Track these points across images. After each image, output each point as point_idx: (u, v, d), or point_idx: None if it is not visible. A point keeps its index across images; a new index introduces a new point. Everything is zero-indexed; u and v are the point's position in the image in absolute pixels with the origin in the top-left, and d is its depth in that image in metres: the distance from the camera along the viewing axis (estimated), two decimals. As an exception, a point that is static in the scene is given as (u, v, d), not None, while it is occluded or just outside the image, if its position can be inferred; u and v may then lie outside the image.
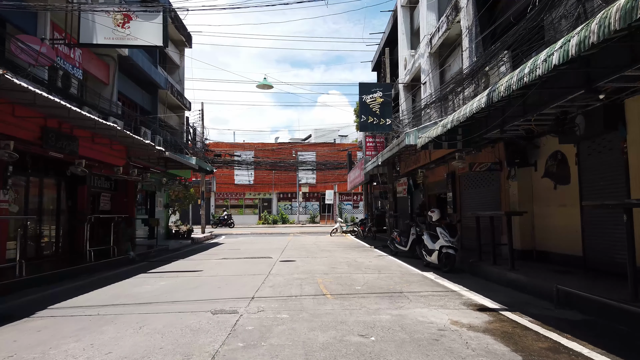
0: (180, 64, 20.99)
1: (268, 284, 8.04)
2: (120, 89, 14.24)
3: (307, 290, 7.35)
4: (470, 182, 12.27)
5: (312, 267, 10.45)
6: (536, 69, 4.69)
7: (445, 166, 13.75)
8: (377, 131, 15.14)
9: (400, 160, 16.61)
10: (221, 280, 8.62)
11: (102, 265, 11.04)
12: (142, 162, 14.64)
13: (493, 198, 10.72)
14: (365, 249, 15.65)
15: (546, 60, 4.50)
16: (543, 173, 8.81)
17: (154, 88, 16.83)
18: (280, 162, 38.24)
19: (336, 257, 12.74)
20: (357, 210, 44.62)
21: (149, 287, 7.98)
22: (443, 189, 14.59)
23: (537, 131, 8.17)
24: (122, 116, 13.37)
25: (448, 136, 9.55)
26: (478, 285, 7.76)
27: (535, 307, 6.00)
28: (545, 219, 8.82)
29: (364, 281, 8.30)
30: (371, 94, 14.43)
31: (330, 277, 8.89)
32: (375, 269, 10.19)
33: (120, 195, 16.29)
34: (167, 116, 18.33)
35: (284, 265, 10.86)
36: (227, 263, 11.70)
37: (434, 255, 9.94)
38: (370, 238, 21.06)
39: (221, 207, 44.34)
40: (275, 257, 12.81)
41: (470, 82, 9.86)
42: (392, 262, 11.51)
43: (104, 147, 11.76)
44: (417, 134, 9.60)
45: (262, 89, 12.43)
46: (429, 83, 14.12)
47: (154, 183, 17.95)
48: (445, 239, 9.65)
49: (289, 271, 9.80)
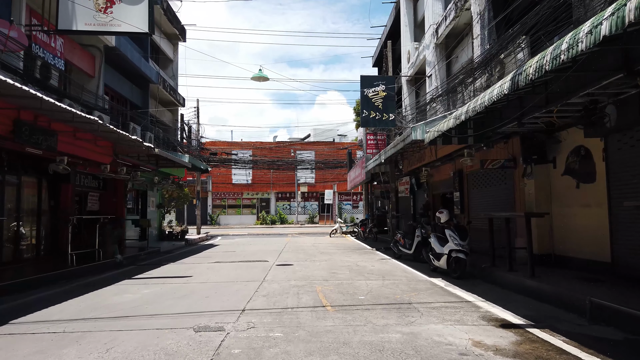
0: (174, 59, 20.19)
1: (262, 293, 7.28)
2: (108, 83, 13.44)
3: (305, 301, 6.59)
4: (479, 181, 11.52)
5: (310, 272, 9.69)
6: (577, 44, 3.93)
7: (451, 164, 13.00)
8: (380, 127, 14.37)
9: (403, 158, 15.85)
10: (211, 288, 7.85)
11: (85, 269, 10.27)
12: (132, 159, 13.85)
13: (506, 198, 9.97)
14: (366, 252, 14.89)
15: (592, 32, 3.74)
16: (563, 170, 8.06)
17: (145, 82, 16.03)
18: (278, 161, 37.45)
19: (336, 261, 11.98)
20: (357, 210, 43.88)
21: (130, 297, 7.21)
22: (449, 188, 13.83)
23: (558, 124, 7.41)
24: (108, 111, 12.58)
25: (458, 130, 8.80)
26: (494, 294, 7.00)
27: (565, 322, 5.25)
28: (565, 220, 8.06)
29: (367, 289, 7.54)
30: (373, 88, 13.63)
31: (331, 284, 8.13)
32: (378, 274, 9.44)
33: (109, 194, 15.53)
34: (158, 110, 17.54)
35: (280, 270, 10.10)
36: (219, 267, 10.93)
37: (442, 259, 9.18)
38: (371, 239, 20.31)
39: (218, 207, 43.58)
40: (272, 261, 12.05)
41: (483, 72, 9.11)
42: (396, 267, 10.75)
43: (88, 143, 10.98)
44: (424, 129, 8.84)
45: (257, 81, 11.67)
46: (435, 76, 13.34)
47: (145, 182, 17.17)
48: (455, 242, 8.89)
49: (286, 277, 9.04)
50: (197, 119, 24.86)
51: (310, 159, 39.91)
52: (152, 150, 12.05)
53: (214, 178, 41.63)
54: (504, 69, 8.38)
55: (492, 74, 8.74)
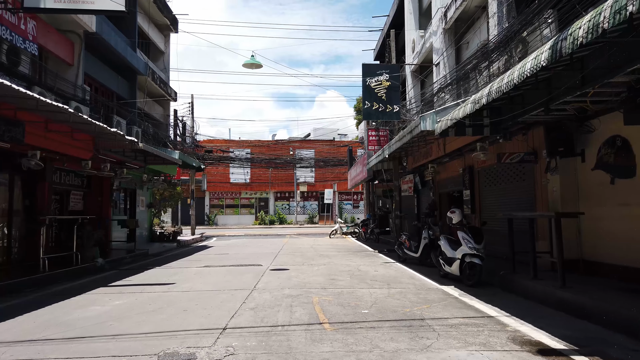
0: (165, 50, 19.19)
1: (250, 305, 6.31)
2: (89, 72, 12.45)
3: (299, 316, 5.61)
4: (493, 178, 10.54)
5: (307, 279, 8.72)
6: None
7: (461, 160, 12.02)
8: (384, 119, 13.38)
9: (407, 154, 14.87)
10: (192, 299, 6.87)
11: (60, 275, 9.32)
12: (116, 155, 12.87)
13: (524, 196, 8.99)
14: (368, 254, 13.92)
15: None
16: (595, 164, 7.07)
17: (132, 74, 15.04)
18: (277, 159, 36.48)
19: (336, 265, 11.01)
20: (358, 210, 42.88)
21: (98, 309, 6.24)
22: (457, 186, 12.86)
23: (591, 110, 6.43)
24: (88, 102, 11.60)
25: (473, 120, 7.83)
26: (519, 307, 6.03)
27: (616, 346, 4.28)
28: (597, 221, 7.08)
29: (371, 300, 6.57)
30: (376, 77, 12.63)
31: (329, 293, 7.16)
32: (383, 281, 8.46)
33: (94, 193, 14.56)
34: (146, 103, 16.55)
35: (274, 276, 9.12)
36: (207, 273, 9.96)
37: (454, 265, 8.21)
38: (373, 240, 19.33)
39: (216, 207, 42.57)
40: (266, 265, 11.08)
41: (501, 53, 8.14)
42: (402, 272, 9.78)
43: (64, 136, 10.01)
44: (434, 118, 7.86)
45: (249, 68, 10.70)
46: (443, 64, 12.35)
47: (134, 180, 16.19)
48: (468, 245, 7.92)
49: (279, 284, 8.06)
50: (191, 115, 23.90)
51: (310, 157, 38.91)
52: (136, 144, 11.07)
53: (212, 177, 40.62)
54: (527, 48, 7.41)
55: (513, 55, 7.77)
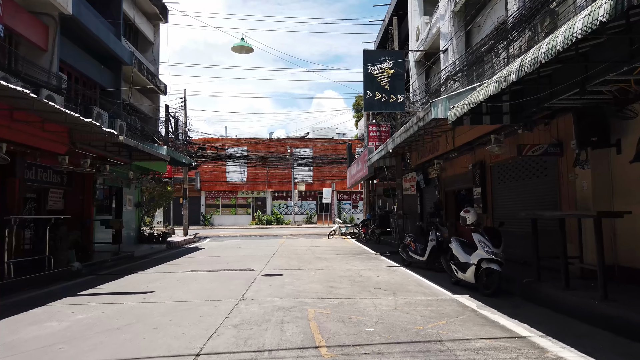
0: (155, 41, 18.19)
1: (234, 320, 5.35)
2: (67, 59, 11.46)
3: (291, 336, 4.66)
4: (507, 174, 9.59)
5: (302, 286, 7.76)
6: None
7: (470, 155, 11.08)
8: (386, 110, 12.40)
9: (411, 149, 13.92)
10: (168, 312, 5.91)
11: (26, 282, 8.35)
12: (97, 150, 11.90)
13: (546, 193, 8.05)
14: (369, 257, 12.97)
15: None
16: (634, 156, 6.13)
17: (116, 63, 14.03)
18: (274, 157, 35.53)
19: (335, 269, 10.06)
20: (357, 209, 41.90)
21: (53, 327, 5.28)
22: (466, 183, 11.92)
23: (636, 91, 5.48)
24: (64, 91, 10.61)
25: (491, 107, 6.89)
26: (553, 324, 5.08)
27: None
28: (636, 222, 6.13)
29: (376, 314, 5.61)
30: (379, 64, 11.66)
31: (327, 304, 6.21)
32: (388, 289, 7.51)
33: (76, 191, 13.57)
34: (133, 95, 15.55)
35: (265, 283, 8.16)
36: (193, 279, 8.99)
37: (469, 271, 7.26)
38: (373, 242, 18.37)
39: (212, 206, 41.56)
40: (258, 269, 10.12)
41: (524, 30, 7.19)
42: (408, 278, 8.83)
43: (33, 127, 9.05)
44: (447, 104, 6.92)
45: (239, 52, 9.73)
46: (452, 49, 11.40)
47: (119, 178, 15.22)
48: (485, 249, 6.98)
49: (270, 293, 7.10)
50: (184, 111, 22.93)
51: (308, 155, 37.94)
52: (115, 137, 10.10)
53: (207, 176, 39.66)
54: (556, 21, 6.48)
55: (538, 30, 6.83)
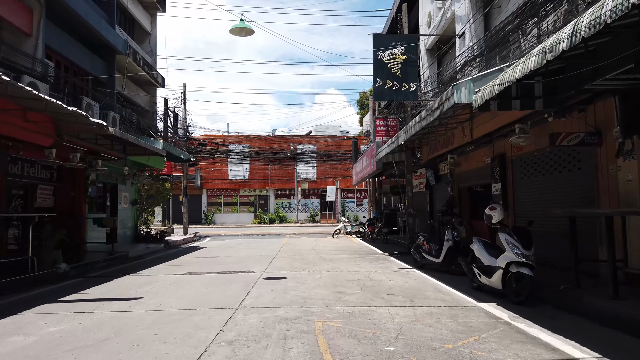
0: (152, 32, 17.43)
1: (228, 335, 4.58)
2: (54, 46, 10.70)
3: (295, 356, 3.88)
4: (531, 168, 8.76)
5: (307, 291, 6.99)
6: None
7: (488, 148, 10.26)
8: (398, 100, 11.59)
9: (422, 144, 13.11)
10: (154, 324, 5.14)
11: (5, 285, 7.62)
12: (88, 144, 11.15)
13: (579, 188, 7.23)
14: (378, 257, 12.17)
15: None
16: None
17: (109, 52, 13.26)
18: (277, 153, 34.78)
19: (342, 272, 9.28)
20: (361, 208, 41.09)
21: (18, 342, 4.53)
22: (482, 179, 11.10)
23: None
24: (49, 78, 9.86)
25: (522, 91, 6.09)
26: (607, 342, 4.28)
27: None
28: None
29: (395, 327, 4.83)
30: (389, 49, 10.83)
31: (337, 314, 5.42)
32: (403, 295, 6.72)
33: (67, 188, 12.86)
34: (124, 83, 14.78)
35: (267, 288, 7.39)
36: (187, 282, 8.22)
37: (495, 276, 6.46)
38: (380, 241, 17.58)
39: (214, 205, 40.87)
40: (259, 271, 9.36)
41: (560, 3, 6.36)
42: (424, 282, 8.03)
43: (13, 117, 8.31)
44: (471, 87, 6.11)
45: (238, 35, 8.96)
46: (470, 33, 10.56)
47: (114, 174, 14.48)
48: (515, 251, 6.18)
49: (272, 300, 6.33)
50: (183, 105, 22.18)
51: (312, 152, 37.16)
52: (105, 129, 9.34)
53: (209, 174, 38.97)
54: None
55: (577, 2, 5.99)
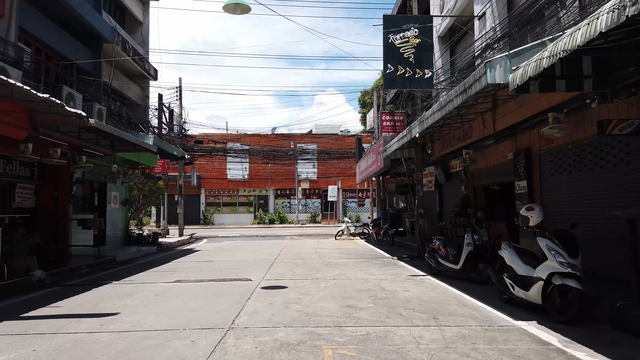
0: (144, 21, 16.44)
1: (214, 371, 3.60)
2: (31, 30, 9.72)
3: (300, 408, 2.90)
4: (564, 163, 7.77)
5: (312, 305, 6.00)
6: None
7: (510, 142, 9.28)
8: (411, 88, 10.57)
9: (433, 139, 12.12)
10: (123, 353, 4.17)
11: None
12: (69, 138, 10.17)
13: (626, 185, 6.24)
14: (386, 262, 11.18)
15: None
16: None
17: (95, 40, 12.27)
18: (277, 151, 33.85)
19: (350, 279, 8.30)
20: (363, 208, 40.07)
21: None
22: (502, 176, 10.12)
23: None
24: (23, 64, 8.89)
25: (568, 69, 5.11)
26: None
27: None
28: None
29: (423, 357, 3.84)
30: (402, 32, 9.81)
31: (349, 338, 4.44)
32: (424, 310, 5.74)
33: (50, 187, 11.90)
34: (113, 77, 13.82)
35: (264, 301, 6.40)
36: (174, 293, 7.24)
37: (534, 288, 5.47)
38: (386, 243, 16.57)
39: (212, 205, 39.87)
40: (257, 279, 8.38)
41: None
42: (444, 293, 7.04)
43: (-23, 105, 7.33)
44: (508, 64, 5.13)
45: (232, 12, 8.03)
46: (492, 12, 9.57)
47: (102, 172, 13.50)
48: (559, 259, 5.21)
49: (270, 318, 5.34)
50: (179, 101, 21.21)
51: (312, 150, 36.16)
52: (84, 120, 8.36)
53: (207, 174, 38.00)
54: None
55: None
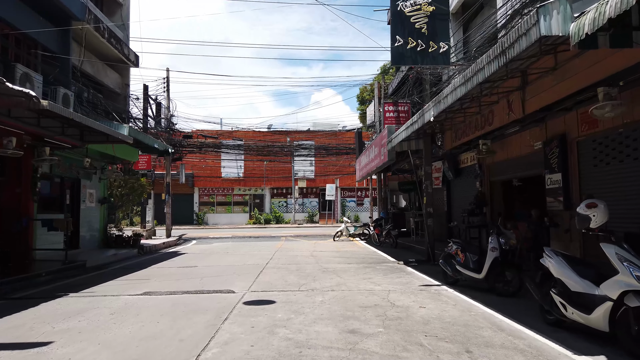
0: (124, 3, 15.06)
1: None
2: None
3: None
4: (611, 152, 6.44)
5: (304, 330, 4.65)
6: None
7: (539, 128, 7.95)
8: (424, 64, 9.14)
9: (444, 128, 10.79)
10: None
11: None
12: (27, 126, 8.82)
13: None
14: (392, 268, 9.84)
15: None
16: None
17: (63, 17, 10.77)
18: (273, 145, 32.54)
19: (351, 291, 6.95)
20: (362, 208, 38.77)
21: None
22: (526, 169, 8.79)
23: None
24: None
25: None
26: None
27: None
28: None
29: None
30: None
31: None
32: (449, 337, 4.40)
33: (12, 183, 10.52)
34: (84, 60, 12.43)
35: (245, 323, 5.04)
36: (134, 312, 5.86)
37: (598, 310, 4.14)
38: (389, 245, 15.26)
39: (206, 204, 38.46)
40: (241, 290, 7.03)
41: None
42: (469, 309, 5.69)
43: None
44: (567, 11, 3.81)
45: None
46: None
47: (74, 166, 12.11)
48: (635, 272, 3.88)
49: (248, 352, 3.99)
50: (166, 93, 19.82)
51: (310, 145, 34.83)
52: (34, 102, 6.99)
53: (201, 171, 36.62)
54: None
55: None
